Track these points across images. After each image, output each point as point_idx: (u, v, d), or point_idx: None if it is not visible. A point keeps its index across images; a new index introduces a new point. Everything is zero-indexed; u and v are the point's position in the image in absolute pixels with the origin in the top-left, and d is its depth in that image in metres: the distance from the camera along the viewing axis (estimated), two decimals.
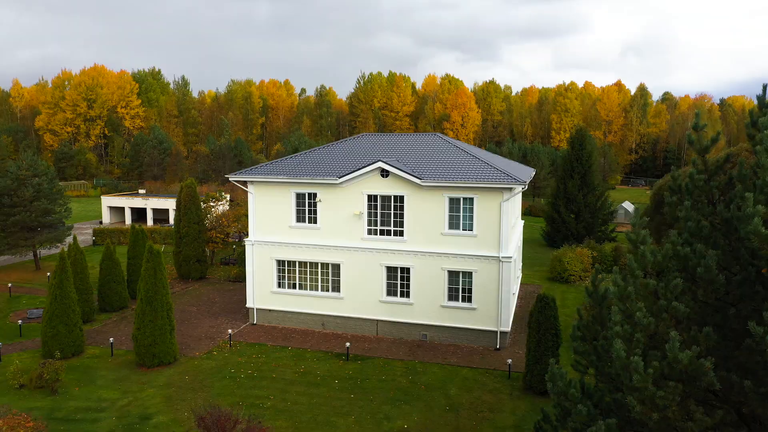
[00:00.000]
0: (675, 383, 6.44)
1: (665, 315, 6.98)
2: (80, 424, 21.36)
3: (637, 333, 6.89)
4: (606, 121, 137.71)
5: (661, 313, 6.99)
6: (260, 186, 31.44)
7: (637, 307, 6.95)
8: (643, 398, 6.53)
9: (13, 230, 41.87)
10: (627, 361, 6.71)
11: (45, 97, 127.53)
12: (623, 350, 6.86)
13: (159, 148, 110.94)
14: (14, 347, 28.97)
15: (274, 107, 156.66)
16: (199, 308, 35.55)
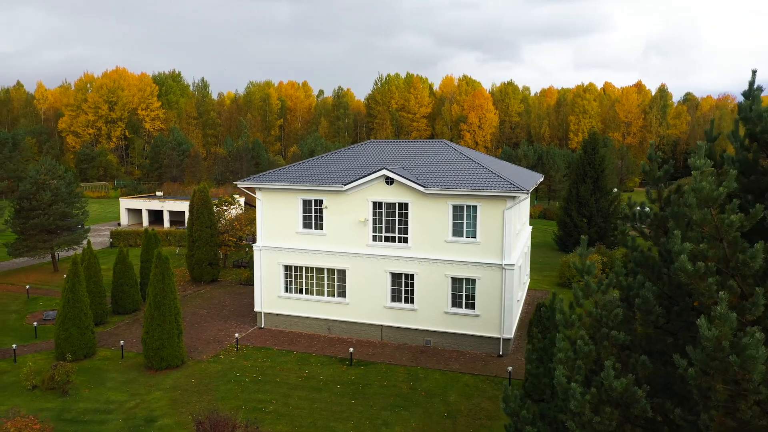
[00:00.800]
0: (612, 409, 6.71)
1: (606, 343, 7.27)
2: (88, 425, 22.06)
3: (579, 360, 7.19)
4: (625, 122, 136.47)
5: (602, 341, 7.28)
6: (268, 192, 32.01)
7: (579, 334, 7.26)
8: (582, 423, 6.82)
9: (32, 233, 43.03)
10: (566, 387, 7.00)
11: (68, 100, 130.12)
12: (563, 376, 7.15)
13: (178, 150, 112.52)
14: (29, 348, 29.89)
15: (292, 109, 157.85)
16: (210, 311, 36.24)
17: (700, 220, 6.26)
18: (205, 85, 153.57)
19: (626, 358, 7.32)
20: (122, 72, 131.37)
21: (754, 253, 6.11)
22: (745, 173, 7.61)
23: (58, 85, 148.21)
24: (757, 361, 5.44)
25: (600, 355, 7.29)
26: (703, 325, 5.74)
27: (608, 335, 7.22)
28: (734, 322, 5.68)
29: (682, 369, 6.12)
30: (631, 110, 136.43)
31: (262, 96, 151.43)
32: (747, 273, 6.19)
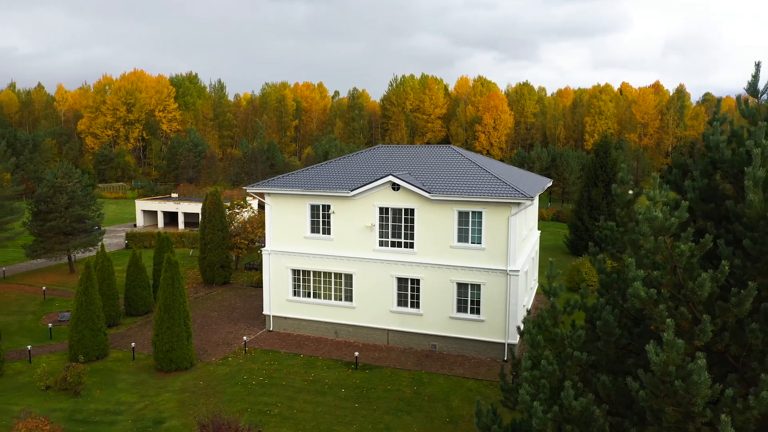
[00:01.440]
0: (572, 427, 6.97)
1: (569, 363, 7.53)
2: (98, 426, 22.67)
3: (543, 379, 7.46)
4: (641, 123, 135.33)
5: (566, 361, 7.54)
6: (277, 197, 32.50)
7: (543, 354, 7.53)
8: None
9: (49, 235, 43.99)
10: (529, 404, 7.28)
11: (87, 102, 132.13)
12: (527, 394, 7.42)
13: (194, 151, 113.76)
14: (44, 349, 30.67)
15: (308, 110, 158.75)
16: (220, 314, 36.84)
17: (654, 248, 6.51)
18: (222, 86, 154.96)
19: (590, 377, 7.60)
20: (140, 74, 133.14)
21: (702, 282, 6.35)
22: (705, 200, 7.84)
23: (78, 87, 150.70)
24: (700, 387, 5.69)
25: (564, 374, 7.59)
26: (651, 351, 6.00)
27: (571, 355, 7.52)
28: (681, 348, 5.93)
29: (634, 391, 6.39)
30: (648, 111, 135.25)
31: (277, 97, 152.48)
32: (696, 300, 6.43)
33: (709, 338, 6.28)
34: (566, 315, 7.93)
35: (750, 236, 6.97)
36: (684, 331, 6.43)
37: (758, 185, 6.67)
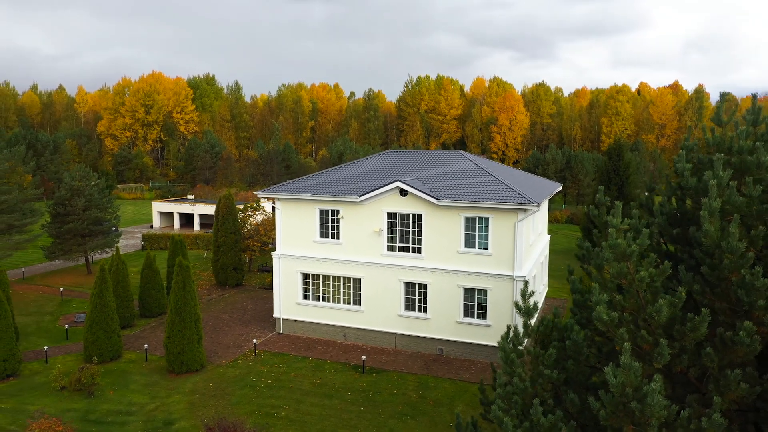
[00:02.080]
0: None
1: (541, 380, 7.81)
2: (110, 426, 23.31)
3: (515, 395, 7.75)
4: (659, 124, 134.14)
5: (537, 379, 7.83)
6: (287, 202, 33.00)
7: (516, 372, 7.82)
8: None
9: (67, 237, 44.97)
10: (501, 420, 7.57)
11: (106, 103, 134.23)
12: (499, 409, 7.72)
13: (211, 152, 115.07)
14: (60, 350, 31.47)
15: (324, 111, 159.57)
16: (232, 316, 37.45)
17: (617, 273, 6.79)
18: (239, 87, 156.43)
19: (561, 394, 7.89)
20: (158, 76, 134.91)
21: (659, 308, 6.60)
22: (673, 225, 8.07)
23: (98, 89, 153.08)
24: (654, 408, 5.95)
25: (536, 391, 7.88)
26: (608, 373, 6.28)
27: (542, 373, 7.81)
28: (639, 371, 6.20)
29: (596, 410, 6.67)
30: (666, 112, 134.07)
31: (294, 98, 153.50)
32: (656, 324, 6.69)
33: (668, 361, 6.53)
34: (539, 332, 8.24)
35: (708, 263, 7.21)
36: (645, 353, 6.70)
37: (714, 215, 6.90)
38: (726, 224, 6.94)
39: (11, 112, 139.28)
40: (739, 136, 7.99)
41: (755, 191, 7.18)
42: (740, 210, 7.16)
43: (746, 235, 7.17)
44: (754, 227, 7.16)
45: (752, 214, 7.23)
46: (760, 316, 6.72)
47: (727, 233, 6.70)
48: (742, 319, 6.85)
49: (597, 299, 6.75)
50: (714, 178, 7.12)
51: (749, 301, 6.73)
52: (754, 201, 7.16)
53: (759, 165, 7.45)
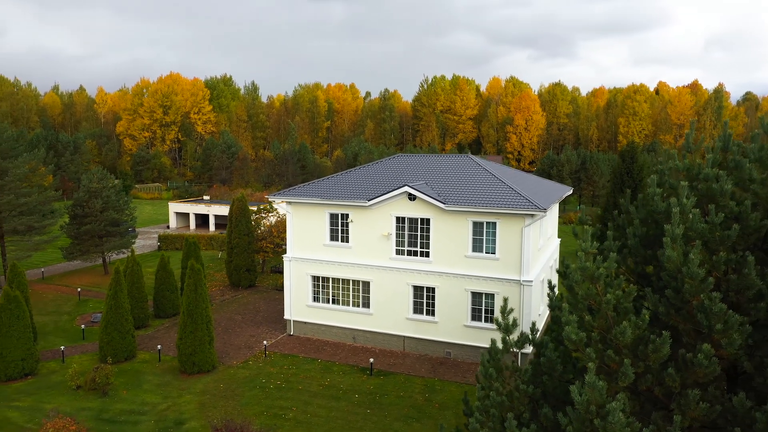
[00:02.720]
0: None
1: (517, 393, 8.11)
2: (123, 425, 23.95)
3: (492, 409, 8.06)
4: (677, 124, 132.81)
5: (513, 393, 8.13)
6: (297, 206, 33.48)
7: (493, 387, 8.13)
8: None
9: (84, 238, 45.94)
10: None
11: (125, 104, 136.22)
12: (476, 422, 8.03)
13: (227, 153, 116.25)
14: (76, 349, 32.28)
15: (340, 111, 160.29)
16: (244, 317, 38.05)
17: (585, 294, 7.07)
18: (255, 87, 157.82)
19: (537, 408, 8.19)
20: (176, 77, 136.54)
21: (623, 329, 6.88)
22: (645, 246, 8.32)
23: (118, 89, 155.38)
24: (616, 426, 6.23)
25: (513, 404, 8.19)
26: (574, 391, 6.57)
27: (518, 387, 8.12)
28: (603, 389, 6.48)
29: (564, 426, 6.97)
30: (684, 112, 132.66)
31: (310, 98, 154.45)
32: (621, 344, 6.96)
33: (632, 380, 6.81)
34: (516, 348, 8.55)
35: (672, 286, 7.45)
36: (612, 371, 6.97)
37: (676, 241, 7.14)
38: (690, 249, 7.18)
39: (33, 112, 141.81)
40: (706, 164, 8.21)
41: (717, 218, 7.42)
42: (703, 236, 7.41)
43: (709, 260, 7.43)
44: (716, 253, 7.41)
45: (715, 240, 7.48)
46: (718, 340, 6.97)
47: (687, 259, 6.96)
48: (705, 341, 7.09)
49: (566, 319, 7.05)
50: (677, 205, 7.37)
51: (708, 325, 6.98)
52: (717, 228, 7.40)
53: (722, 193, 7.68)
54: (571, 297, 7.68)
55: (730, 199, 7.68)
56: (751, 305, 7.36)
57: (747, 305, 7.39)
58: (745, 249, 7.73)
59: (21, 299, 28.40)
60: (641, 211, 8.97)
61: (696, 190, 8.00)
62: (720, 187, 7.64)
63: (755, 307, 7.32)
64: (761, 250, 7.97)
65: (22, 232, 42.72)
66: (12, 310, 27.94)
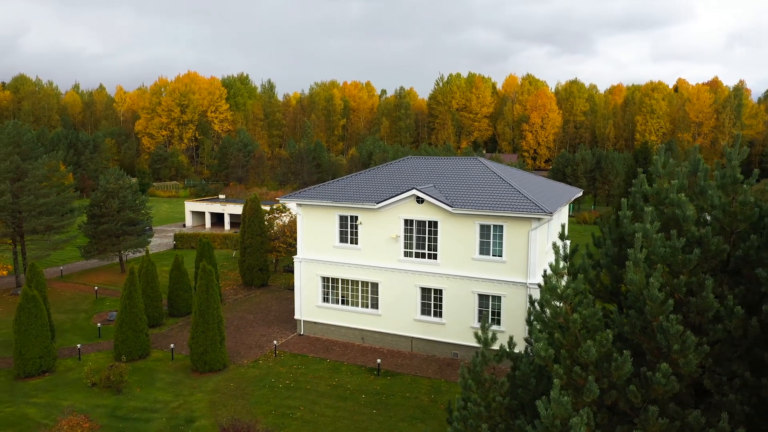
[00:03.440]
0: None
1: (494, 404, 8.45)
2: (135, 423, 24.67)
3: (470, 419, 8.42)
4: (695, 122, 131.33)
5: (491, 404, 8.48)
6: (308, 208, 34.01)
7: (471, 397, 8.49)
8: None
9: (101, 237, 46.94)
10: None
11: (144, 103, 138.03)
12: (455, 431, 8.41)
13: (244, 151, 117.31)
14: (92, 347, 33.14)
15: (355, 109, 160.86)
16: (256, 316, 38.71)
17: (554, 313, 7.41)
18: (272, 86, 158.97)
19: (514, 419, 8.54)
20: (193, 76, 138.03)
21: (587, 348, 7.20)
22: (618, 265, 8.62)
23: (136, 88, 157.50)
24: None
25: (491, 414, 8.55)
26: (540, 406, 6.92)
27: (494, 399, 8.48)
28: (568, 404, 6.82)
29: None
30: (703, 110, 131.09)
31: (326, 96, 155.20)
32: (586, 362, 7.29)
33: (597, 395, 7.13)
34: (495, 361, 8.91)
35: (636, 307, 7.74)
36: (579, 386, 7.29)
37: (638, 265, 7.43)
38: (652, 272, 7.48)
39: (54, 111, 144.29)
40: (671, 189, 8.48)
41: (679, 243, 7.70)
42: (665, 260, 7.69)
43: (672, 283, 7.70)
44: (677, 276, 7.68)
45: (678, 263, 7.76)
46: (676, 359, 7.26)
47: (648, 282, 7.27)
48: (665, 360, 7.38)
49: (536, 336, 7.40)
50: (641, 230, 7.67)
51: (667, 345, 7.27)
52: (678, 252, 7.68)
53: (685, 218, 7.95)
54: (542, 314, 8.02)
55: (692, 224, 7.96)
56: (710, 326, 7.65)
57: (707, 326, 7.68)
58: (708, 272, 8.02)
59: (39, 299, 29.26)
60: (614, 232, 9.29)
61: (663, 214, 8.29)
62: (682, 212, 7.92)
63: (714, 328, 7.61)
64: (725, 273, 8.24)
65: (42, 231, 43.76)
66: (30, 310, 28.80)
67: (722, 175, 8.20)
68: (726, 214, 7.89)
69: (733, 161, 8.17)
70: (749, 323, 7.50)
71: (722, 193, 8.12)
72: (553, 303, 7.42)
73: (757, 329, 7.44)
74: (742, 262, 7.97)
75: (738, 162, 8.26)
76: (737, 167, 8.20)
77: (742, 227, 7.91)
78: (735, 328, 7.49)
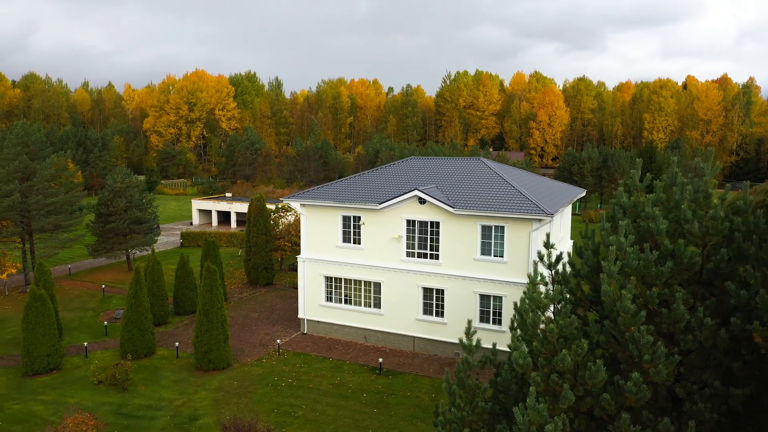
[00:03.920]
0: None
1: (477, 409, 8.71)
2: (140, 420, 25.09)
3: (454, 423, 8.67)
4: (704, 120, 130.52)
5: (474, 409, 8.73)
6: (311, 208, 34.31)
7: (455, 402, 8.74)
8: None
9: (109, 236, 47.48)
10: None
11: (152, 101, 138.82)
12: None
13: (251, 149, 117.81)
14: (99, 345, 33.62)
15: (362, 106, 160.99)
16: (261, 314, 39.10)
17: (533, 322, 7.65)
18: (279, 84, 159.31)
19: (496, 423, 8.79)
20: (201, 74, 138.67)
21: (563, 357, 7.44)
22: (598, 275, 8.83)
23: (145, 86, 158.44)
24: None
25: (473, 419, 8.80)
26: (516, 413, 7.17)
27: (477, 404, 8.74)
28: (543, 411, 7.06)
29: None
30: (712, 108, 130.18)
31: (333, 94, 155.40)
32: (562, 370, 7.52)
33: (572, 402, 7.36)
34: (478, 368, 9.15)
35: (611, 317, 7.96)
36: (556, 393, 7.53)
37: (612, 277, 7.65)
38: (626, 283, 7.71)
39: (63, 109, 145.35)
40: (647, 202, 8.68)
41: (652, 256, 7.91)
42: (639, 272, 7.91)
43: (645, 294, 7.92)
44: (650, 288, 7.89)
45: (651, 275, 7.96)
46: (647, 369, 7.48)
47: (621, 294, 7.49)
48: (638, 369, 7.61)
49: (514, 345, 7.64)
50: (613, 244, 7.89)
51: (638, 355, 7.49)
52: (651, 264, 7.89)
53: (658, 231, 8.15)
54: (522, 323, 8.27)
55: (666, 238, 8.17)
56: (681, 336, 7.86)
57: (679, 336, 7.88)
58: (682, 284, 8.22)
59: (46, 298, 29.73)
60: (593, 243, 9.50)
61: (639, 227, 8.50)
62: (656, 226, 8.13)
63: (685, 339, 7.81)
64: (699, 284, 8.44)
65: (50, 230, 44.32)
66: (38, 309, 29.28)
67: (695, 190, 8.40)
68: (699, 228, 8.08)
69: (705, 176, 8.38)
70: (719, 334, 7.71)
71: (695, 206, 8.31)
72: (531, 313, 7.66)
73: (726, 340, 7.67)
74: (713, 275, 8.18)
75: (711, 176, 8.46)
76: (709, 182, 8.41)
77: (714, 240, 8.12)
78: (705, 338, 7.71)
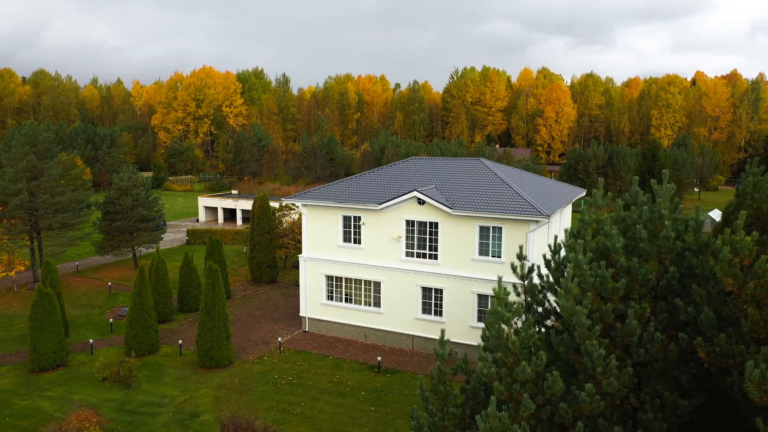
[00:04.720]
0: None
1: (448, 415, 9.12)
2: (143, 416, 25.70)
3: (426, 428, 9.08)
4: (712, 117, 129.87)
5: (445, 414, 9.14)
6: (312, 208, 34.78)
7: (428, 408, 9.15)
8: None
9: (115, 234, 48.19)
10: None
11: (160, 98, 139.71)
12: None
13: (258, 145, 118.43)
14: (104, 342, 34.30)
15: (369, 103, 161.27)
16: (263, 312, 39.67)
17: (497, 334, 8.04)
18: (286, 80, 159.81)
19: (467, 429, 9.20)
20: (209, 71, 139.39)
21: (523, 368, 7.83)
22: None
23: (153, 82, 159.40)
24: None
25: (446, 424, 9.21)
26: (478, 420, 7.57)
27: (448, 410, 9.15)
28: (504, 418, 7.47)
29: None
30: (720, 104, 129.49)
31: (340, 90, 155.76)
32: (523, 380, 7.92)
33: (533, 410, 7.75)
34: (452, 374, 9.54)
35: (570, 330, 8.34)
36: (518, 402, 7.92)
37: (569, 293, 8.03)
38: (583, 298, 8.09)
39: (73, 105, 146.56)
40: (606, 221, 9.04)
41: (607, 272, 8.29)
42: (596, 288, 8.30)
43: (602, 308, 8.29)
44: (606, 303, 8.26)
45: (607, 291, 8.33)
46: (601, 380, 7.85)
47: (577, 309, 7.88)
48: (592, 380, 8.00)
49: (480, 355, 8.02)
50: (572, 260, 8.27)
51: (592, 367, 7.87)
52: (607, 280, 8.27)
53: (614, 249, 8.53)
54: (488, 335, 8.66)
55: (621, 255, 8.54)
56: (635, 349, 8.24)
57: (633, 349, 8.26)
58: (639, 299, 8.60)
59: (53, 296, 30.39)
60: (557, 258, 9.88)
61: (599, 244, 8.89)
62: (612, 244, 8.51)
63: (638, 352, 8.19)
64: (656, 299, 8.79)
65: (57, 228, 45.06)
66: (44, 306, 29.94)
67: (650, 210, 8.77)
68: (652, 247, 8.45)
69: (659, 198, 8.74)
70: (669, 348, 8.08)
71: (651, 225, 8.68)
72: (495, 325, 8.05)
73: (676, 354, 8.03)
74: (667, 291, 8.53)
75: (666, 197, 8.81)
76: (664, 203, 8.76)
77: (668, 258, 8.48)
78: (657, 351, 8.08)
